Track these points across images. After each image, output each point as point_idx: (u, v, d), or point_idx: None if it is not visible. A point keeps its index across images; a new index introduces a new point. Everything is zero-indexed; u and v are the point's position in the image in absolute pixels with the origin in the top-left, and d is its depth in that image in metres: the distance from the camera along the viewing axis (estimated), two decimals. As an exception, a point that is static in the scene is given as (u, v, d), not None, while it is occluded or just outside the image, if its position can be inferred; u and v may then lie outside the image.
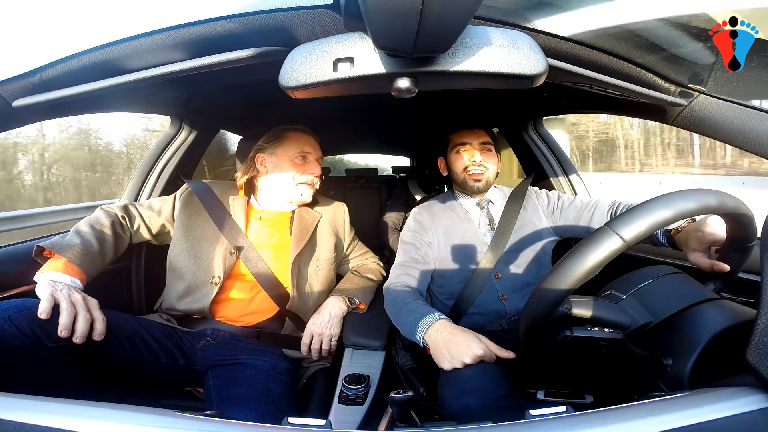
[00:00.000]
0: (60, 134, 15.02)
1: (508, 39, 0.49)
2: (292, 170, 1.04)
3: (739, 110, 0.64)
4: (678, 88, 0.69)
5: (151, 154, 1.32)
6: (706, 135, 0.70)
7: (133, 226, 1.01)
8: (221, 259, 0.99)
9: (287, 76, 0.50)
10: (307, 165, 1.06)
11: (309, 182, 1.06)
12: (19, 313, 0.67)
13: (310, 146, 1.08)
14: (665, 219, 0.49)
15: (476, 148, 1.08)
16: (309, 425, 0.42)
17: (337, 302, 1.05)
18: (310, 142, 1.08)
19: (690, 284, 0.60)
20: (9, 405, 0.39)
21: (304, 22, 0.55)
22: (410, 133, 2.14)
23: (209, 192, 1.07)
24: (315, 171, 1.06)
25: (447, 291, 1.04)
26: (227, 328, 0.97)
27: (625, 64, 0.66)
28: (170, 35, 0.57)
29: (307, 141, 1.08)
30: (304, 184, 1.05)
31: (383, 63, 0.49)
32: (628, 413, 0.39)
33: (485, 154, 1.08)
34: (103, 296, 0.79)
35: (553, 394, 0.61)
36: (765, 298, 0.39)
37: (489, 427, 0.40)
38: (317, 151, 1.09)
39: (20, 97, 0.60)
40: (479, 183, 1.07)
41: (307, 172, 1.05)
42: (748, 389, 0.40)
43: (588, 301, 0.58)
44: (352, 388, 0.81)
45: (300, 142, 1.06)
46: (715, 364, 0.49)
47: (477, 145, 1.08)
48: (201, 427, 0.38)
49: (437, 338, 0.77)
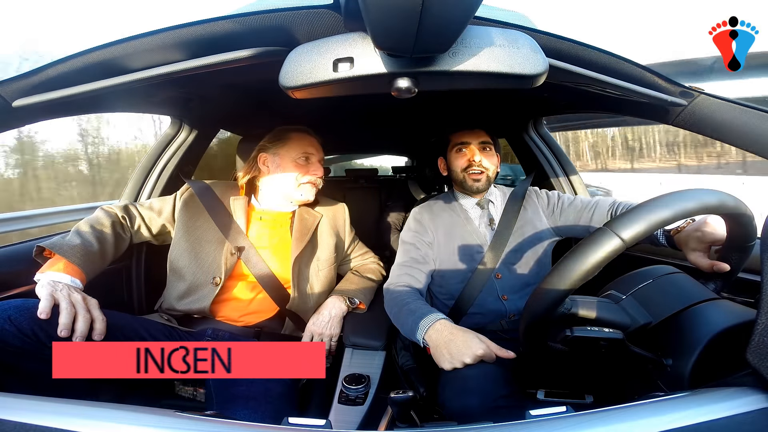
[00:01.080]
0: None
1: (508, 39, 0.49)
2: (295, 171, 1.04)
3: (739, 110, 0.64)
4: (678, 88, 0.69)
5: (151, 154, 1.31)
6: (706, 135, 0.70)
7: (134, 227, 1.01)
8: (222, 260, 0.99)
9: (287, 76, 0.50)
10: (310, 166, 1.06)
11: (312, 182, 1.07)
12: (19, 313, 0.67)
13: (313, 147, 1.08)
14: (664, 219, 0.49)
15: (476, 148, 1.08)
16: (309, 425, 0.42)
17: (337, 302, 1.05)
18: (312, 144, 1.09)
19: (690, 284, 0.60)
20: (9, 405, 0.39)
21: (304, 22, 0.54)
22: (410, 133, 2.14)
23: (210, 192, 1.07)
24: (317, 172, 1.07)
25: (447, 291, 1.04)
26: (227, 328, 0.97)
27: (625, 64, 0.65)
28: (170, 35, 0.57)
29: (310, 142, 1.08)
30: (306, 185, 1.06)
31: (383, 63, 0.49)
32: (628, 413, 0.39)
33: (484, 153, 1.08)
34: (103, 296, 0.79)
35: (553, 394, 0.61)
36: (765, 298, 0.39)
37: (489, 427, 0.40)
38: (320, 153, 1.10)
39: (20, 97, 0.60)
40: (479, 183, 1.07)
41: (310, 173, 1.06)
42: (748, 389, 0.40)
43: (588, 301, 0.58)
44: (352, 388, 0.81)
45: (303, 143, 1.07)
46: (715, 364, 0.49)
47: (476, 145, 1.08)
48: (201, 427, 0.38)
49: (437, 338, 0.77)
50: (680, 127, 0.74)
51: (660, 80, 0.68)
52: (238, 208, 1.06)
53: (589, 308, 0.57)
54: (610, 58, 0.64)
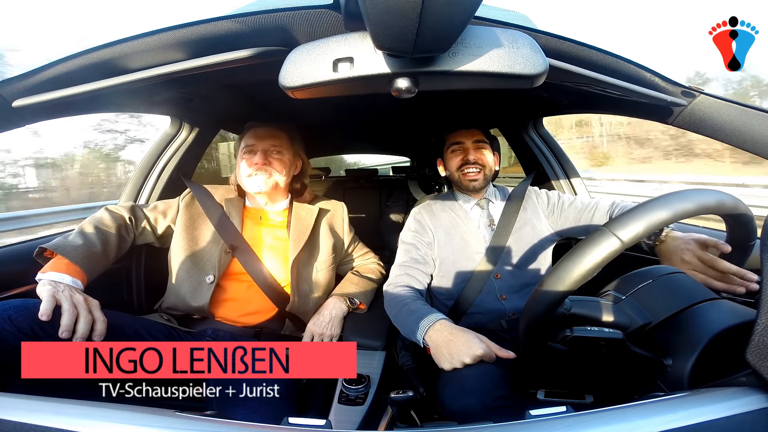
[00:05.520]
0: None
1: (508, 39, 0.49)
2: (242, 163, 1.05)
3: (739, 110, 0.64)
4: (678, 88, 0.69)
5: (151, 154, 1.32)
6: (706, 135, 0.70)
7: (138, 228, 1.02)
8: (216, 258, 1.00)
9: (287, 76, 0.50)
10: (253, 156, 1.04)
11: (254, 172, 1.03)
12: (18, 313, 0.67)
13: (255, 138, 1.06)
14: (663, 220, 0.49)
15: (470, 147, 1.08)
16: (309, 425, 0.42)
17: (337, 303, 1.05)
18: (256, 134, 1.07)
19: (690, 284, 0.60)
20: (9, 405, 0.39)
21: (304, 22, 0.54)
22: (410, 133, 2.14)
23: (208, 195, 1.09)
24: (259, 161, 1.03)
25: (447, 291, 1.04)
26: (227, 328, 0.98)
27: (625, 64, 0.65)
28: (170, 35, 0.57)
29: (254, 133, 1.07)
30: (252, 176, 1.03)
31: (383, 63, 0.49)
32: (628, 413, 0.39)
33: (479, 152, 1.08)
34: (103, 296, 0.79)
35: (553, 394, 0.61)
36: (765, 298, 0.39)
37: (489, 427, 0.40)
38: (262, 142, 1.06)
39: (20, 97, 0.60)
40: (474, 182, 1.07)
41: (252, 164, 1.03)
42: (748, 389, 0.40)
43: (588, 302, 0.58)
44: (352, 388, 0.81)
45: (247, 136, 1.07)
46: (715, 364, 0.49)
47: (470, 144, 1.08)
48: (201, 427, 0.38)
49: (437, 338, 0.77)
50: (680, 127, 0.74)
51: (660, 80, 0.68)
52: (233, 208, 1.07)
53: (589, 308, 0.57)
54: (611, 58, 0.64)
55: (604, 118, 18.86)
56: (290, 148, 1.10)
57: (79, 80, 0.60)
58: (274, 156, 1.05)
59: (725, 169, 13.12)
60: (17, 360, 0.56)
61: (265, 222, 1.09)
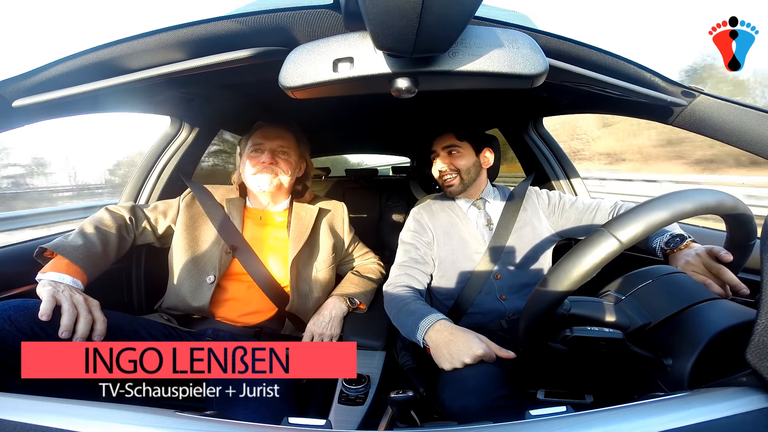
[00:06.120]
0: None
1: (508, 39, 0.49)
2: (248, 163, 1.05)
3: (739, 110, 0.64)
4: (678, 88, 0.69)
5: (151, 154, 1.32)
6: (706, 135, 0.70)
7: (139, 228, 1.02)
8: (217, 259, 1.00)
9: (287, 76, 0.50)
10: (260, 155, 1.04)
11: (261, 171, 1.03)
12: (18, 313, 0.67)
13: (263, 137, 1.06)
14: (662, 220, 0.49)
15: (440, 153, 1.09)
16: (309, 425, 0.42)
17: (337, 303, 1.05)
18: (264, 133, 1.07)
19: (690, 284, 0.60)
20: (9, 405, 0.39)
21: (304, 22, 0.54)
22: (410, 133, 2.14)
23: (209, 195, 1.08)
24: (266, 159, 1.03)
25: (446, 291, 1.04)
26: (227, 328, 0.98)
27: (625, 64, 0.65)
28: (170, 35, 0.57)
29: (261, 133, 1.07)
30: (258, 174, 1.03)
31: (383, 63, 0.49)
32: (628, 413, 0.39)
33: (451, 157, 1.08)
34: (103, 296, 0.79)
35: (553, 394, 0.61)
36: (765, 298, 0.39)
37: (489, 427, 0.40)
38: (271, 141, 1.06)
39: (20, 97, 0.60)
40: (451, 188, 1.08)
41: (258, 163, 1.03)
42: (748, 389, 0.40)
43: (588, 302, 0.58)
44: (352, 388, 0.81)
45: (255, 135, 1.07)
46: (715, 364, 0.49)
47: (440, 151, 1.09)
48: (201, 427, 0.38)
49: (437, 338, 0.77)
50: (680, 128, 0.74)
51: (660, 80, 0.68)
52: (234, 208, 1.07)
53: (588, 308, 0.57)
54: (611, 58, 0.64)
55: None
56: (296, 149, 1.10)
57: (79, 80, 0.59)
58: (281, 156, 1.06)
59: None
60: (17, 360, 0.56)
61: (266, 222, 1.09)
